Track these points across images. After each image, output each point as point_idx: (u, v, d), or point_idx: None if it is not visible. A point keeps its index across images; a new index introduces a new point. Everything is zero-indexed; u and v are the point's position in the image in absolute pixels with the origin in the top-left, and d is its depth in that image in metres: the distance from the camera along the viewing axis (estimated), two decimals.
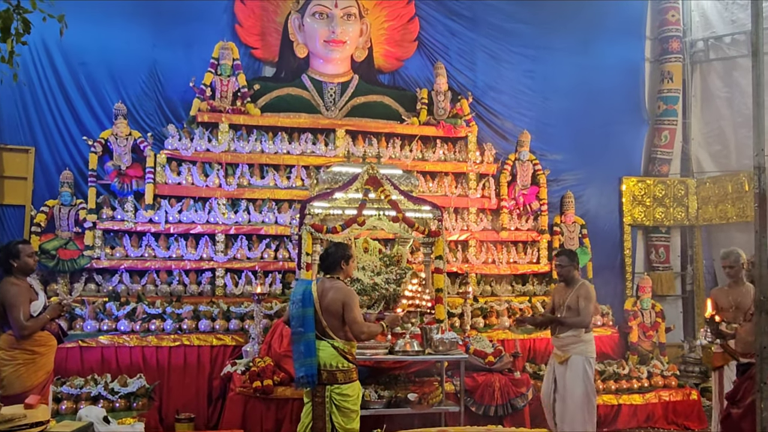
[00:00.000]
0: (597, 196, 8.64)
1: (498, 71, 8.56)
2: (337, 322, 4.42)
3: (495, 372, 6.28)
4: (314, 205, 6.15)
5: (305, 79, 7.93)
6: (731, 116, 8.80)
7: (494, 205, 7.95)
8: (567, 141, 8.59)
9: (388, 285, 6.28)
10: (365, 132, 7.78)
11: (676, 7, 9.14)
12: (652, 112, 9.17)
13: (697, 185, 8.90)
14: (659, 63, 9.18)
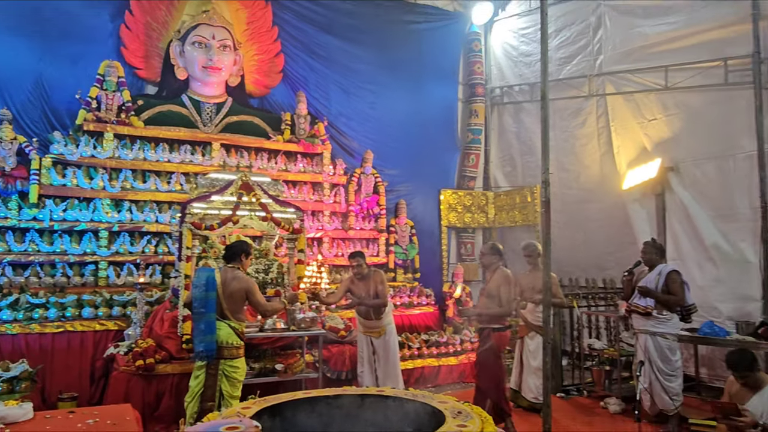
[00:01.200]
0: (423, 204, 9.18)
1: (348, 101, 8.85)
2: (237, 306, 4.49)
3: (346, 344, 6.51)
4: (194, 205, 5.99)
5: (185, 98, 7.68)
6: (518, 146, 9.62)
7: (344, 209, 8.21)
8: (401, 159, 9.07)
9: (257, 274, 6.27)
10: (238, 146, 7.68)
11: (480, 62, 9.97)
12: (463, 140, 9.92)
13: (494, 197, 9.70)
14: (469, 103, 9.95)
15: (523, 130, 9.52)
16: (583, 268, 8.13)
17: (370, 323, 5.84)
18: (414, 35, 9.41)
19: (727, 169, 6.66)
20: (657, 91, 7.39)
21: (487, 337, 5.28)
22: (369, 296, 5.76)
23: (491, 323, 5.26)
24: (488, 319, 5.28)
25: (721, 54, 6.67)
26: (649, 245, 5.62)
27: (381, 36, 9.12)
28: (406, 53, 9.24)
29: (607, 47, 8.08)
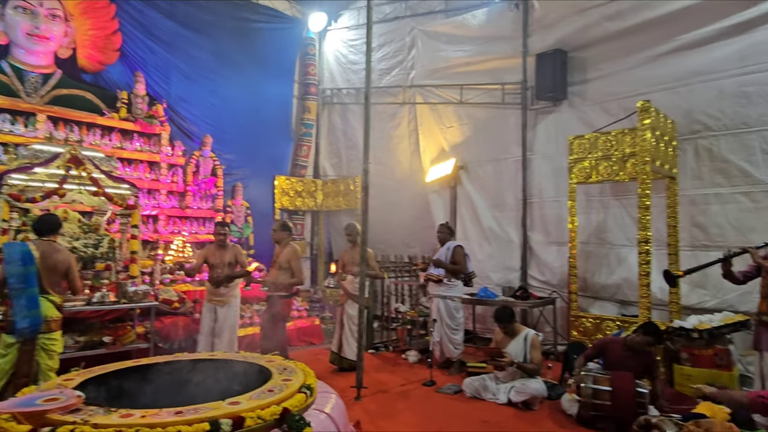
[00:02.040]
0: (259, 187, 8.89)
1: (189, 87, 8.17)
2: (58, 279, 3.91)
3: (180, 315, 6.07)
4: (13, 177, 5.09)
5: (4, 64, 6.39)
6: (345, 141, 9.81)
7: (181, 188, 7.61)
8: (239, 145, 8.66)
9: (86, 249, 5.54)
10: (67, 119, 6.62)
11: (314, 64, 9.94)
12: (297, 133, 9.82)
13: (323, 184, 9.78)
14: (303, 100, 9.86)
15: (349, 128, 9.71)
16: (393, 245, 8.59)
17: (219, 292, 5.48)
18: (256, 33, 9.03)
19: (501, 170, 7.55)
20: (454, 104, 8.08)
21: (276, 303, 5.32)
22: (224, 265, 5.43)
23: (281, 291, 5.30)
24: (280, 288, 5.30)
25: (500, 79, 7.51)
26: (442, 226, 6.17)
27: (224, 29, 8.57)
28: (247, 48, 8.82)
29: (418, 64, 8.61)
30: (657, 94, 5.75)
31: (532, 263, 7.16)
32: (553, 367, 5.79)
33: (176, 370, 3.80)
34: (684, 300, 5.58)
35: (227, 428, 2.59)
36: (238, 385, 3.40)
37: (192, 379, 3.67)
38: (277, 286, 5.34)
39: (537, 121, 7.21)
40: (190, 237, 7.49)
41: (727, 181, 5.49)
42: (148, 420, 2.54)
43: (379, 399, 4.80)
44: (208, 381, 3.67)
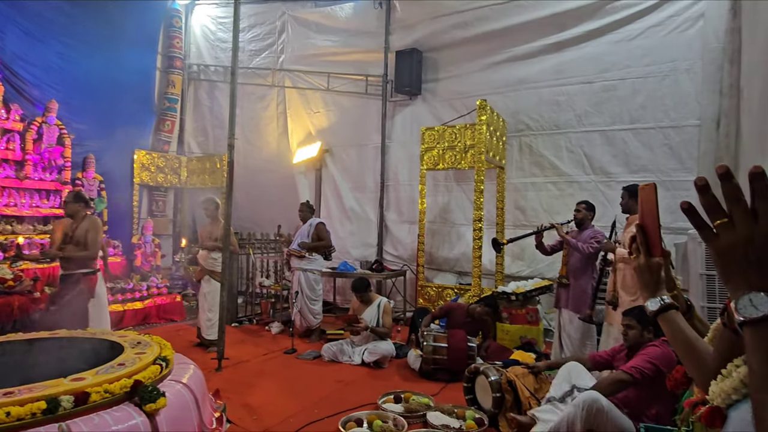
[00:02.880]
0: (115, 161, 7.89)
1: (30, 46, 6.89)
2: None
3: (15, 294, 5.20)
4: None
5: None
6: (212, 119, 9.21)
7: (19, 157, 6.46)
8: (93, 115, 7.54)
9: None
10: None
11: (180, 37, 9.10)
12: (160, 107, 8.94)
13: (188, 161, 9.09)
14: (167, 73, 8.98)
15: (216, 106, 9.13)
16: (260, 223, 8.30)
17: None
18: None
19: (362, 155, 7.72)
20: (321, 91, 8.02)
21: (77, 282, 4.55)
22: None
23: (81, 268, 4.54)
24: (77, 264, 4.53)
25: (364, 71, 7.63)
26: (303, 205, 6.15)
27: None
28: (106, 14, 7.69)
29: (287, 49, 8.36)
30: (492, 96, 6.34)
31: (387, 240, 7.48)
32: (402, 330, 6.16)
33: (9, 351, 3.27)
34: (506, 270, 6.30)
35: (68, 405, 2.31)
36: (85, 363, 3.04)
37: (30, 359, 3.20)
38: (73, 263, 4.55)
39: (395, 112, 7.49)
40: (31, 210, 6.44)
41: (541, 172, 6.28)
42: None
43: (240, 369, 4.65)
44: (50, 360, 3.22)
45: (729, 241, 0.65)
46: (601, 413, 2.56)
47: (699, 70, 5.33)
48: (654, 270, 0.99)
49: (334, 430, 3.21)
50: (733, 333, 0.75)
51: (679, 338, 0.96)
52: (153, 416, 2.54)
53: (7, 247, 5.85)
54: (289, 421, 3.41)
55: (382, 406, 3.65)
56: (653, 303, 1.00)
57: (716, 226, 0.67)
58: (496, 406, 3.33)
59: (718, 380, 0.74)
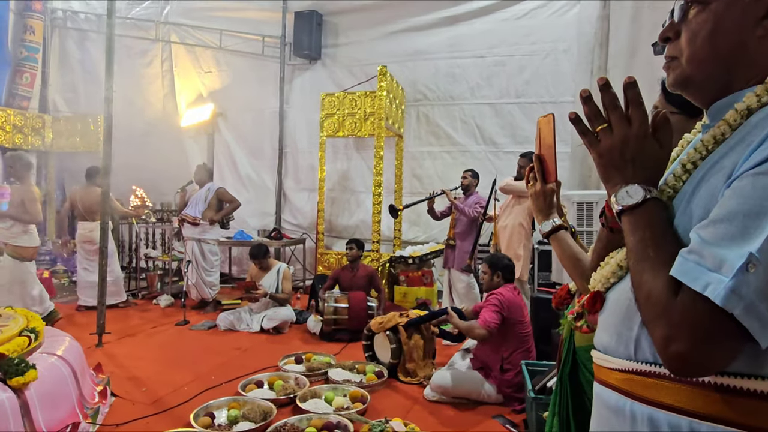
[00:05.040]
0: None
1: None
2: None
3: None
4: None
5: None
6: (82, 74, 8.11)
7: None
8: None
9: None
10: None
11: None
12: (15, 56, 7.65)
13: (53, 121, 7.95)
14: (23, 17, 7.68)
15: (88, 59, 8.04)
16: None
17: None
18: None
19: (259, 120, 7.38)
20: (213, 49, 7.46)
21: None
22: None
23: None
24: None
25: (260, 31, 7.23)
26: (200, 167, 5.76)
27: None
28: None
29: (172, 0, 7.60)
30: (392, 65, 6.36)
31: (286, 208, 7.31)
32: (302, 298, 6.12)
33: None
34: (404, 236, 6.52)
35: None
36: None
37: None
38: None
39: (294, 75, 7.23)
40: None
41: (437, 141, 6.53)
42: None
43: (124, 343, 4.30)
44: None
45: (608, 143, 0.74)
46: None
47: (575, 52, 5.87)
48: (548, 195, 1.08)
49: (233, 393, 3.12)
50: (610, 231, 0.85)
51: (567, 253, 1.08)
52: (21, 391, 2.26)
53: None
54: (183, 390, 3.24)
55: (283, 367, 3.62)
56: (546, 225, 1.10)
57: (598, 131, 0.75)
58: (395, 356, 3.48)
59: (597, 271, 0.83)
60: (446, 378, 3.11)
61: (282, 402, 3.00)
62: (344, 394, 3.10)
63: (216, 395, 3.11)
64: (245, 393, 3.09)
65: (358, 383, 3.32)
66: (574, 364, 1.26)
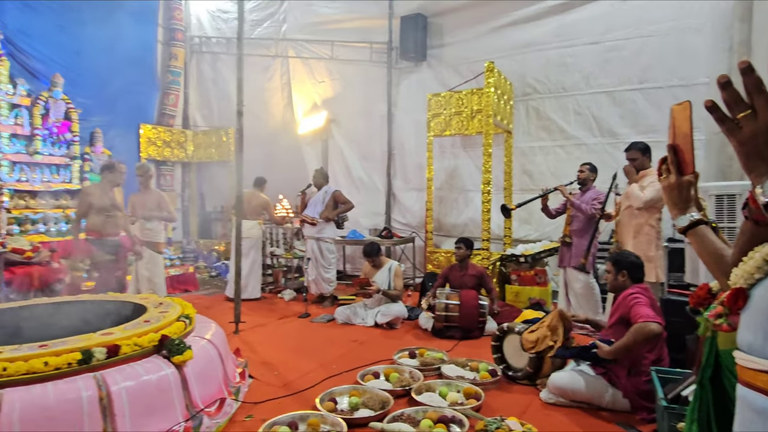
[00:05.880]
0: (122, 136, 7.86)
1: (32, 20, 6.78)
2: None
3: (34, 264, 5.30)
4: None
5: None
6: (216, 92, 9.14)
7: (28, 132, 6.47)
8: (97, 91, 7.46)
9: None
10: None
11: (180, 8, 8.95)
12: (164, 80, 8.87)
13: (193, 135, 9.08)
14: (169, 46, 8.87)
15: (220, 78, 9.05)
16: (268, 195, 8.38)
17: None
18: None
19: (369, 124, 7.69)
20: (325, 59, 7.94)
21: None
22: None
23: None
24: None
25: (368, 38, 7.54)
26: (318, 172, 6.17)
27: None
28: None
29: (290, 17, 8.24)
30: (499, 60, 6.24)
31: (395, 208, 7.52)
32: (412, 295, 6.26)
33: (36, 313, 3.38)
34: (515, 234, 6.35)
35: (101, 356, 2.41)
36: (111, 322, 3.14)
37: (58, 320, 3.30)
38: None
39: (400, 79, 7.42)
40: (42, 185, 6.49)
41: (548, 136, 6.26)
42: (6, 355, 2.26)
43: (257, 331, 4.78)
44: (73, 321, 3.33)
45: (752, 130, 0.69)
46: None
47: (707, 29, 5.24)
48: (684, 188, 1.02)
49: (352, 382, 3.32)
50: (754, 224, 0.79)
51: (708, 249, 1.01)
52: (181, 368, 2.64)
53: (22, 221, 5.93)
54: (309, 376, 3.52)
55: (397, 361, 3.76)
56: (683, 220, 1.04)
57: (740, 117, 0.70)
58: (533, 365, 3.31)
59: (739, 266, 0.78)
60: (566, 379, 2.99)
61: (398, 393, 3.12)
62: (458, 390, 3.14)
63: (337, 383, 3.33)
64: (364, 382, 3.28)
65: (471, 380, 3.33)
66: (716, 368, 1.17)
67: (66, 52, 7.24)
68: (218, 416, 2.72)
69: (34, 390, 2.13)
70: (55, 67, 7.02)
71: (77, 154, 7.02)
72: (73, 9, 7.30)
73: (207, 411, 2.67)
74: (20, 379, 2.15)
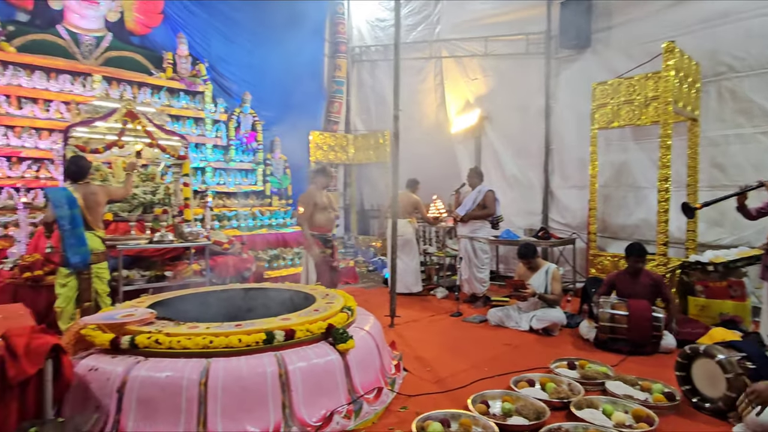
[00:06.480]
0: (296, 142, 8.85)
1: (228, 47, 8.17)
2: (99, 216, 4.16)
3: (229, 255, 6.30)
4: (77, 130, 5.26)
5: (61, 28, 6.51)
6: (373, 97, 9.73)
7: (225, 143, 7.74)
8: (276, 103, 8.61)
9: (144, 195, 5.77)
10: (120, 79, 6.77)
11: (343, 23, 9.75)
12: (329, 90, 9.76)
13: (354, 138, 9.77)
14: (334, 58, 9.74)
15: (377, 84, 9.59)
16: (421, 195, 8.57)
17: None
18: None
19: (525, 119, 7.39)
20: (478, 57, 7.85)
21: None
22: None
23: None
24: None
25: (523, 30, 7.24)
26: (472, 171, 6.13)
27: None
28: (280, 9, 8.64)
29: (443, 18, 8.34)
30: (681, 38, 5.45)
31: (553, 207, 7.10)
32: (572, 301, 5.84)
33: (231, 296, 4.02)
34: (701, 237, 5.48)
35: (281, 338, 2.76)
36: (286, 308, 3.58)
37: (246, 302, 3.88)
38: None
39: (560, 69, 6.97)
40: (235, 187, 7.68)
41: (748, 121, 5.26)
42: (212, 331, 2.72)
43: (410, 327, 4.96)
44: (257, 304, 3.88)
45: None
46: None
47: None
48: None
49: (504, 387, 3.25)
50: None
51: None
52: (344, 355, 2.89)
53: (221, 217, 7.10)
54: (460, 375, 3.54)
55: (554, 370, 3.56)
56: None
57: None
58: (733, 388, 2.73)
59: None
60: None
61: (555, 405, 2.96)
62: (625, 411, 2.85)
63: (489, 385, 3.29)
64: (517, 389, 3.18)
65: (642, 401, 2.99)
66: None
67: (254, 72, 8.45)
68: (376, 404, 2.91)
69: (231, 362, 2.55)
70: (245, 86, 8.24)
71: (261, 160, 8.14)
72: (258, 35, 8.48)
73: (366, 397, 2.88)
74: (222, 351, 2.59)
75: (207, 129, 7.52)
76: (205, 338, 2.62)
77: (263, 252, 6.91)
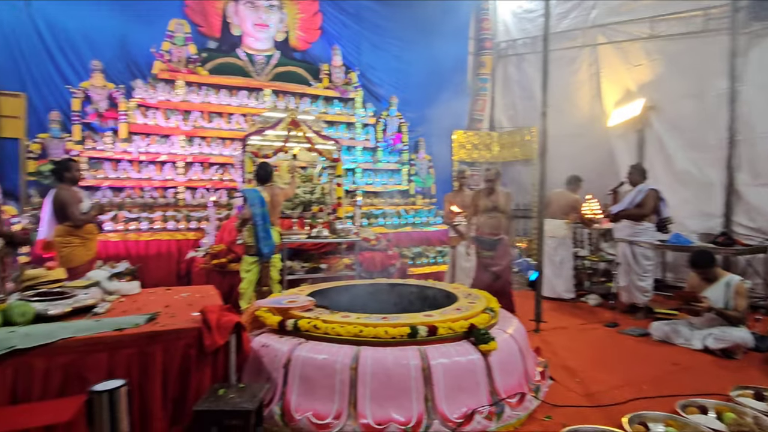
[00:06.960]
0: (439, 142, 9.00)
1: (376, 54, 8.67)
2: (278, 214, 4.79)
3: (376, 251, 6.68)
4: (252, 138, 6.09)
5: (240, 51, 7.61)
6: (520, 93, 9.33)
7: (373, 145, 8.21)
8: (421, 104, 8.84)
9: (304, 194, 6.42)
10: (285, 91, 7.68)
11: (488, 18, 9.56)
12: (473, 88, 9.67)
13: (498, 136, 9.50)
14: (478, 55, 9.63)
15: (524, 79, 9.21)
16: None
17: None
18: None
19: (700, 106, 6.44)
20: (642, 40, 7.07)
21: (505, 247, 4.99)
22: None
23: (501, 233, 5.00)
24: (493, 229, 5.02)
25: (700, 5, 6.31)
26: (633, 168, 5.55)
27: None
28: (425, 12, 8.87)
29: (600, 2, 7.68)
30: None
31: (738, 208, 6.06)
32: (763, 320, 4.94)
33: (377, 290, 4.27)
34: None
35: (424, 333, 2.87)
36: (428, 306, 3.69)
37: (391, 297, 4.10)
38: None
39: (750, 46, 5.92)
40: (381, 187, 8.10)
41: None
42: (362, 321, 2.95)
43: (557, 333, 4.71)
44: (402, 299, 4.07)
45: None
46: None
47: None
48: None
49: (669, 410, 2.90)
50: None
51: None
52: (486, 356, 2.88)
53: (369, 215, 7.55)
54: (614, 392, 3.27)
55: (735, 399, 3.07)
56: None
57: None
58: None
59: None
60: None
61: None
62: None
63: (649, 406, 2.97)
64: (686, 414, 2.82)
65: None
66: None
67: (400, 75, 8.83)
68: (518, 409, 2.84)
69: (378, 351, 2.73)
70: (392, 89, 8.65)
71: (405, 160, 8.45)
72: (404, 39, 8.81)
73: (508, 401, 2.83)
74: (370, 341, 2.79)
75: (357, 132, 8.06)
76: (356, 327, 2.85)
77: (407, 249, 7.17)
